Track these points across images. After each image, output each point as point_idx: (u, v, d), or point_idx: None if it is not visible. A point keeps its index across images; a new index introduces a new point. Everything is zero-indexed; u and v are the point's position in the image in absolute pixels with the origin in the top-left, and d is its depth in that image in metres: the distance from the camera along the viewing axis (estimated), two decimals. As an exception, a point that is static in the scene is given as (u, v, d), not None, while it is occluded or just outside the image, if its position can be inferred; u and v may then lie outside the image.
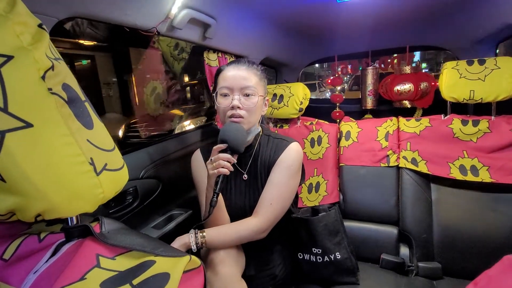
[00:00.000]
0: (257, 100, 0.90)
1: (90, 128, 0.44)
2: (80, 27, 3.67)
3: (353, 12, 1.36)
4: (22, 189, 0.38)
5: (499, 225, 1.08)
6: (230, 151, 0.81)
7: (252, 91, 0.89)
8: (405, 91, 1.87)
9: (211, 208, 0.78)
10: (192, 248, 0.80)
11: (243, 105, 0.88)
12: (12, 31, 0.37)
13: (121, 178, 0.49)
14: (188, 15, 1.01)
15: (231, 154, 0.81)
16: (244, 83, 0.88)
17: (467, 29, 1.50)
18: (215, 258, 0.84)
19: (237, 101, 0.87)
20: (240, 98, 0.88)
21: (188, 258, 0.46)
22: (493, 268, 0.44)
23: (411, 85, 1.86)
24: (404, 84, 1.87)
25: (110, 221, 0.53)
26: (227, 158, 0.79)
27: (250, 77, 0.90)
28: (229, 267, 0.84)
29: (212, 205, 0.77)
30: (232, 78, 0.89)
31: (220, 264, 0.83)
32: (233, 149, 0.81)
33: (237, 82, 0.89)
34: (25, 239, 0.48)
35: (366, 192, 1.33)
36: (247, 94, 0.89)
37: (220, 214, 0.90)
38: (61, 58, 0.44)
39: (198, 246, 0.81)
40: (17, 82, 0.36)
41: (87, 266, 0.42)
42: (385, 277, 1.10)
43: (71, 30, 3.58)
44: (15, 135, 0.36)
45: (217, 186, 0.78)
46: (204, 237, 0.82)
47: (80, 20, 3.27)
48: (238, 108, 0.87)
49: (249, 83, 0.89)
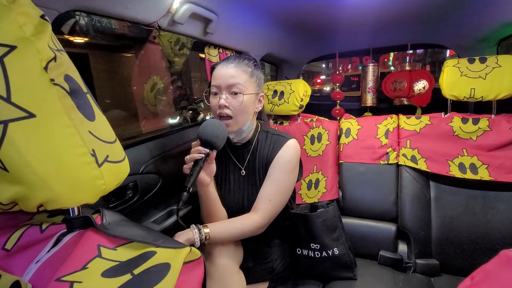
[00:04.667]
0: (245, 99, 0.88)
1: (92, 119, 0.44)
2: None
3: (355, 9, 1.35)
4: (24, 178, 0.38)
5: (497, 222, 1.09)
6: (208, 146, 0.81)
7: (239, 89, 0.87)
8: (400, 87, 1.88)
9: (181, 202, 0.76)
10: (196, 243, 0.80)
11: (230, 104, 0.87)
12: (15, 22, 0.37)
13: (122, 170, 0.50)
14: (190, 9, 1.00)
15: (210, 149, 0.81)
16: (231, 81, 0.87)
17: (469, 27, 1.50)
18: (213, 250, 0.86)
19: (224, 100, 0.87)
20: (228, 97, 0.88)
21: (188, 249, 0.46)
22: (490, 263, 0.45)
23: (405, 82, 1.86)
24: (399, 81, 1.88)
25: (111, 213, 0.54)
26: (198, 150, 0.80)
27: (239, 75, 0.88)
28: (227, 259, 0.85)
29: (182, 199, 0.76)
30: (221, 76, 0.89)
31: (218, 256, 0.85)
32: (209, 143, 0.81)
33: (224, 80, 0.88)
34: (27, 229, 0.48)
35: (365, 189, 1.34)
36: (234, 92, 0.88)
37: (216, 209, 0.91)
38: (63, 50, 0.44)
39: (202, 241, 0.81)
40: (20, 72, 0.37)
41: (89, 256, 0.42)
42: (383, 274, 1.11)
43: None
44: (18, 125, 0.36)
45: (191, 179, 0.77)
46: (208, 233, 0.82)
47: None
48: (225, 107, 0.87)
49: (236, 80, 0.87)
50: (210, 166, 0.84)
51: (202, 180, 0.84)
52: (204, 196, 0.88)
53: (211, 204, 0.90)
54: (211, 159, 0.82)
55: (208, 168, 0.84)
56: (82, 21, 3.22)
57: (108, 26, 3.56)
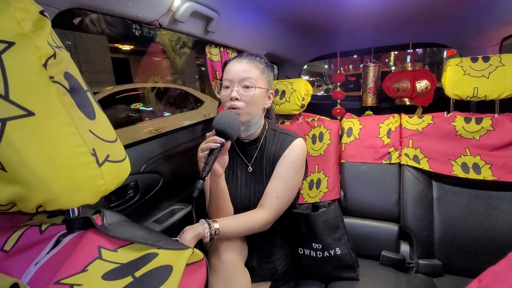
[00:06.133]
0: (257, 92, 0.91)
1: (92, 118, 0.44)
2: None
3: (357, 8, 1.34)
4: (23, 178, 0.37)
5: (500, 223, 1.08)
6: (222, 136, 0.82)
7: (250, 83, 0.91)
8: (403, 88, 1.87)
9: (196, 190, 0.76)
10: (206, 238, 0.80)
11: (241, 96, 0.90)
12: (14, 17, 0.36)
13: (123, 170, 0.49)
14: (191, 8, 0.99)
15: (225, 139, 0.82)
16: (243, 75, 0.91)
17: (471, 26, 1.49)
18: (220, 245, 0.87)
19: (236, 93, 0.90)
20: (239, 90, 0.91)
21: (190, 251, 0.45)
22: (498, 265, 0.44)
23: (408, 83, 1.85)
24: (402, 82, 1.87)
25: (111, 214, 0.53)
26: (214, 140, 0.80)
27: (251, 70, 0.92)
28: (233, 256, 0.86)
29: (197, 187, 0.76)
30: (234, 71, 0.92)
31: (225, 252, 0.85)
32: (224, 134, 0.82)
33: (237, 74, 0.91)
34: (26, 230, 0.47)
35: (367, 189, 1.33)
36: (246, 86, 0.91)
37: (225, 202, 0.92)
38: (63, 47, 0.43)
39: (211, 236, 0.81)
40: (18, 69, 0.36)
41: (89, 258, 0.41)
42: (385, 274, 1.10)
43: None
44: (16, 124, 0.35)
45: (206, 167, 0.77)
46: (218, 228, 0.83)
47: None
48: (236, 99, 0.90)
49: (248, 75, 0.91)
50: (223, 157, 0.85)
51: (216, 171, 0.84)
52: (215, 188, 0.89)
53: (220, 197, 0.90)
54: (225, 149, 0.83)
55: (222, 159, 0.85)
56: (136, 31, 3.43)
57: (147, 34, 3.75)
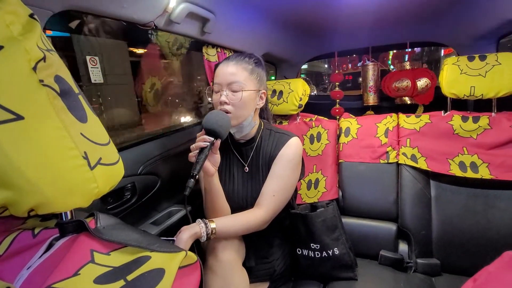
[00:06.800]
0: (245, 95, 0.91)
1: (83, 121, 0.43)
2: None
3: (354, 7, 1.34)
4: (13, 182, 0.37)
5: (498, 222, 1.08)
6: (212, 135, 0.82)
7: (238, 86, 0.90)
8: (403, 87, 1.86)
9: (187, 188, 0.76)
10: (202, 238, 0.80)
11: (230, 100, 0.90)
12: (2, 21, 0.35)
13: (116, 172, 0.48)
14: (186, 9, 0.99)
15: (214, 138, 0.82)
16: (230, 79, 0.90)
17: (468, 25, 1.49)
18: (217, 245, 0.87)
19: (224, 97, 0.90)
20: (228, 94, 0.90)
21: (184, 254, 0.45)
22: (493, 264, 0.44)
23: (408, 82, 1.85)
24: (402, 81, 1.87)
25: (105, 217, 0.53)
26: (203, 139, 0.81)
27: (238, 72, 0.91)
28: (231, 255, 0.86)
29: (189, 186, 0.76)
30: (221, 74, 0.92)
31: (222, 251, 0.86)
32: (213, 133, 0.82)
33: (225, 78, 0.91)
34: (19, 234, 0.47)
35: (365, 188, 1.33)
36: (233, 89, 0.91)
37: (221, 202, 0.92)
38: (53, 50, 0.43)
39: (208, 236, 0.82)
40: (7, 72, 0.35)
41: (81, 261, 0.41)
42: (384, 274, 1.10)
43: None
44: (5, 128, 0.35)
45: (197, 166, 0.78)
46: (215, 228, 0.83)
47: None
48: (226, 103, 0.90)
49: (236, 78, 0.90)
50: (215, 156, 0.85)
51: (207, 170, 0.84)
52: (209, 188, 0.89)
53: (215, 196, 0.90)
54: (215, 148, 0.83)
55: (213, 158, 0.85)
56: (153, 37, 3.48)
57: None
